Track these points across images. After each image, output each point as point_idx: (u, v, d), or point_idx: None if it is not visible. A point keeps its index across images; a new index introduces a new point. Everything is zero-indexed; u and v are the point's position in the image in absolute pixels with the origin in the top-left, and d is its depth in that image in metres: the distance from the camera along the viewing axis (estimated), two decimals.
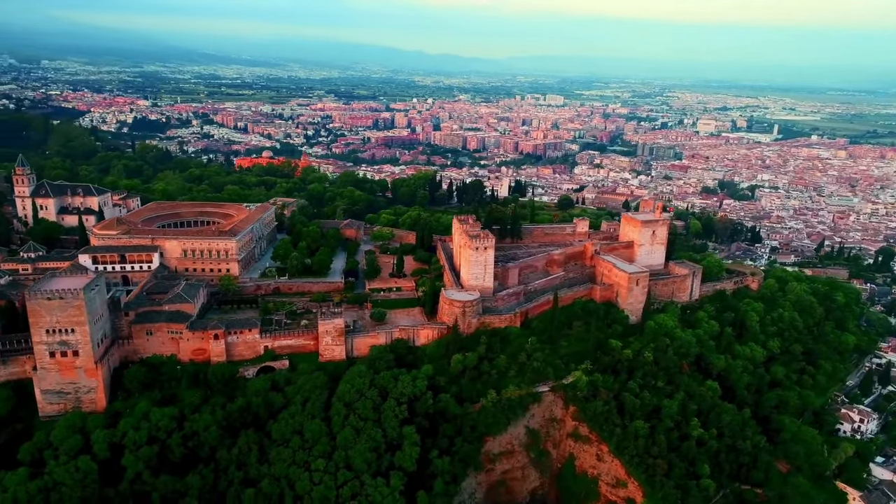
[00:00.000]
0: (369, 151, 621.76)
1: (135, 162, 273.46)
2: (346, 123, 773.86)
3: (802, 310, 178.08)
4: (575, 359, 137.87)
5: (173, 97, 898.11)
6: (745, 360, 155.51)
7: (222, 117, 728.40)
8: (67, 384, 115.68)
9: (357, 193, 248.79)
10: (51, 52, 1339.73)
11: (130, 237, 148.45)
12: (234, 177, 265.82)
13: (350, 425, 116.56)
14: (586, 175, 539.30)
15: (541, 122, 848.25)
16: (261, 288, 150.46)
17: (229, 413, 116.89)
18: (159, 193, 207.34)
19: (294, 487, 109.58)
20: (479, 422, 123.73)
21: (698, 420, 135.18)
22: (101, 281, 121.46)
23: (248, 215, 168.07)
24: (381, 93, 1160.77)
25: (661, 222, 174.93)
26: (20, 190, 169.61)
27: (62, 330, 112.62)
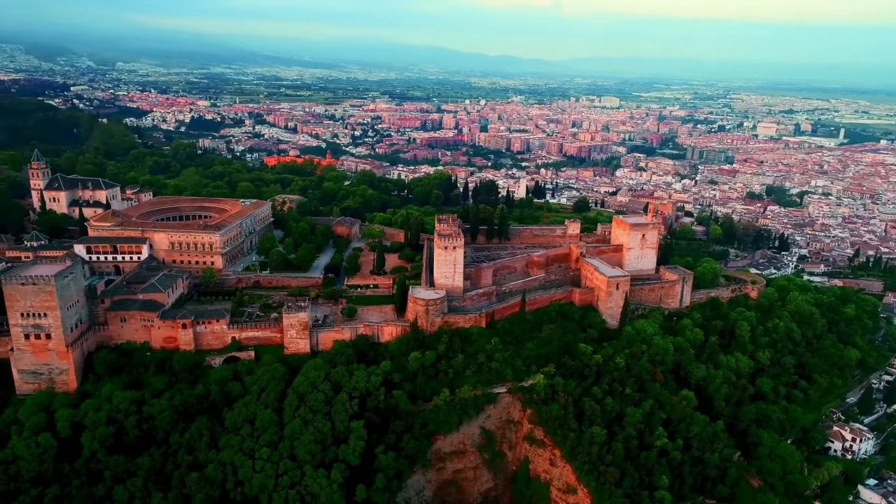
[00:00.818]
0: (411, 152, 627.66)
1: (164, 159, 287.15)
2: (394, 124, 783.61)
3: (802, 321, 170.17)
4: (539, 361, 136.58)
5: (233, 98, 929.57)
6: (728, 371, 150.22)
7: (274, 117, 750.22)
8: (41, 365, 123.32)
9: (369, 192, 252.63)
10: (126, 54, 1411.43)
11: (123, 229, 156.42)
12: (254, 174, 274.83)
13: (299, 416, 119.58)
14: (627, 178, 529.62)
15: (591, 124, 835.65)
16: (242, 281, 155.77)
17: (187, 399, 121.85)
18: (172, 188, 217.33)
19: (236, 473, 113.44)
20: (429, 420, 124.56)
21: (664, 430, 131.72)
22: (77, 269, 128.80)
23: (240, 211, 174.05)
24: (435, 94, 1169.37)
25: (651, 226, 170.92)
26: (35, 183, 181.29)
27: (36, 314, 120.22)
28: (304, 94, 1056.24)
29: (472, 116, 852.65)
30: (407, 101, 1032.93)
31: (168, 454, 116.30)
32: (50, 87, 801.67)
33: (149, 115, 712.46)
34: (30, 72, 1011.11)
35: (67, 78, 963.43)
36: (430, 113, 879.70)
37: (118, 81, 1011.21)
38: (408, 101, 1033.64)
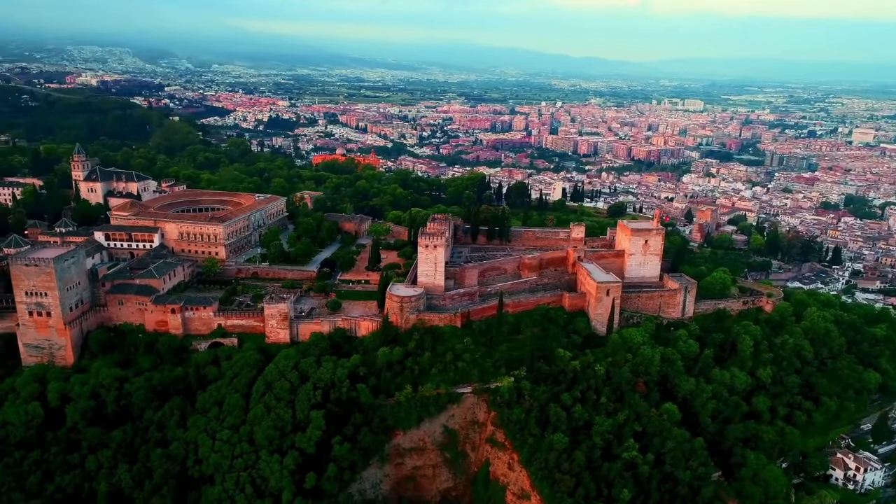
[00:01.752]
0: (474, 153, 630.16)
1: (216, 155, 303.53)
2: (464, 126, 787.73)
3: (816, 339, 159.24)
4: (511, 364, 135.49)
5: (312, 98, 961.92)
6: (720, 387, 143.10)
7: (346, 118, 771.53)
8: (43, 340, 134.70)
9: (399, 191, 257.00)
10: (221, 57, 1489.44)
11: (138, 218, 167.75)
12: (293, 171, 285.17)
13: (264, 403, 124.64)
14: (694, 184, 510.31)
15: (668, 127, 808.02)
16: (241, 272, 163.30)
17: (165, 379, 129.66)
18: (205, 182, 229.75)
19: (197, 452, 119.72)
20: (389, 415, 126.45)
21: (636, 442, 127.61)
22: (79, 254, 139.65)
23: (251, 205, 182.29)
24: (512, 96, 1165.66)
25: (654, 232, 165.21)
26: (76, 174, 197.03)
27: (38, 293, 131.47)
28: (383, 96, 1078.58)
29: (544, 119, 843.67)
30: (482, 102, 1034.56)
31: (139, 430, 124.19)
32: (147, 87, 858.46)
33: (231, 115, 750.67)
34: (134, 73, 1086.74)
35: (165, 79, 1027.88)
36: (501, 115, 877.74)
37: (211, 82, 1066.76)
38: (483, 102, 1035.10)
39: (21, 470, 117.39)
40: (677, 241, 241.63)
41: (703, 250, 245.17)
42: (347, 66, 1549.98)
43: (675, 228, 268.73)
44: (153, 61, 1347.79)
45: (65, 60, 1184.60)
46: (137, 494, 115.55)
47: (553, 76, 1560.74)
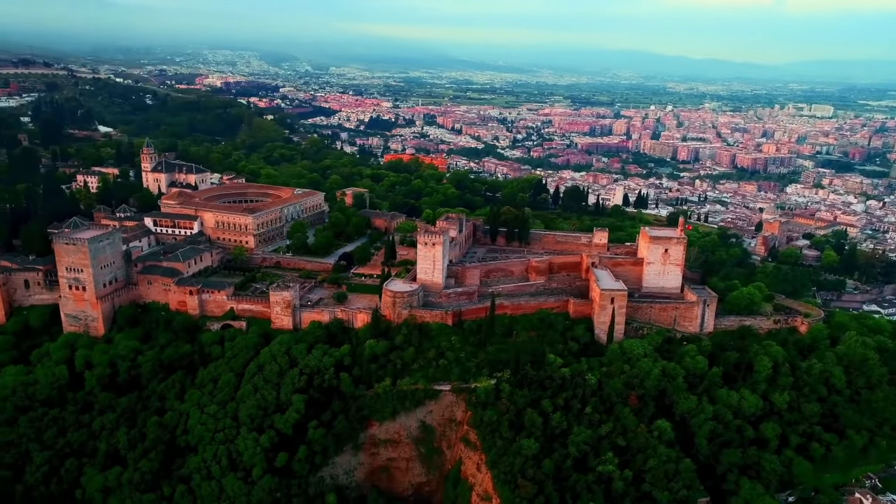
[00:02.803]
0: (565, 157, 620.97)
1: (290, 152, 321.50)
2: (563, 129, 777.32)
3: (852, 366, 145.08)
4: (497, 366, 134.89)
5: (417, 100, 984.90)
6: (725, 408, 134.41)
7: (443, 119, 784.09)
8: (79, 311, 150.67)
9: (451, 191, 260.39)
10: (339, 60, 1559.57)
11: (182, 207, 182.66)
12: (355, 169, 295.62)
13: (252, 383, 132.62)
14: (798, 195, 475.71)
15: (786, 133, 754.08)
16: (266, 260, 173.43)
17: (172, 355, 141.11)
18: (264, 177, 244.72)
19: (186, 423, 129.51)
20: (366, 406, 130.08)
21: (615, 457, 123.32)
22: (115, 236, 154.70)
23: (287, 198, 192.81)
24: (621, 99, 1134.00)
25: (675, 240, 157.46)
26: (144, 166, 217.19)
27: (75, 269, 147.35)
28: (487, 98, 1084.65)
29: (647, 123, 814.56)
30: (588, 105, 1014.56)
31: (143, 398, 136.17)
32: (264, 88, 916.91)
33: (336, 115, 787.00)
34: (258, 75, 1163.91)
35: (285, 81, 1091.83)
36: (604, 118, 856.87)
37: (326, 84, 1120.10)
38: (589, 105, 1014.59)
39: (41, 424, 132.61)
40: (736, 252, 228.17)
41: (765, 265, 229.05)
42: (457, 69, 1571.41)
43: (740, 240, 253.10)
44: (277, 64, 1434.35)
45: (200, 63, 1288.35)
46: (130, 456, 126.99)
47: (669, 79, 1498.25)
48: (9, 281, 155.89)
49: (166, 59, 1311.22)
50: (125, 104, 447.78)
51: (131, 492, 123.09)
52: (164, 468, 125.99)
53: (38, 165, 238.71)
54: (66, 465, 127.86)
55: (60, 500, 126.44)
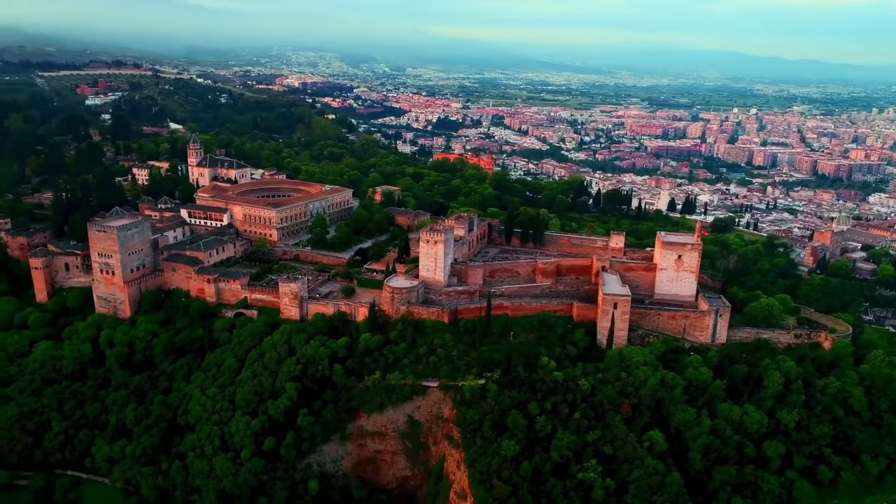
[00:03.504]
0: (631, 160, 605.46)
1: (339, 150, 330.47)
2: (634, 131, 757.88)
3: (875, 388, 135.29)
4: (489, 365, 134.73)
5: (488, 101, 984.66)
6: (724, 423, 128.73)
7: (510, 120, 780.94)
8: (109, 294, 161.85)
9: (488, 191, 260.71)
10: (416, 61, 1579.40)
11: (215, 200, 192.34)
12: (398, 168, 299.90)
13: (251, 369, 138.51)
14: (882, 205, 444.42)
15: (880, 139, 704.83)
16: (286, 253, 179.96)
17: (184, 338, 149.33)
18: (304, 173, 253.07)
19: (188, 403, 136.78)
20: (355, 397, 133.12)
21: (598, 465, 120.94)
22: (144, 225, 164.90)
23: (316, 193, 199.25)
24: (702, 102, 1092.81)
25: (689, 246, 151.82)
26: (190, 161, 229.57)
27: (105, 254, 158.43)
28: (561, 99, 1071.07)
29: (725, 126, 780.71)
30: (666, 107, 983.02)
31: (154, 378, 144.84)
32: (339, 88, 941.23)
33: (405, 115, 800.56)
34: (337, 76, 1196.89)
35: (363, 81, 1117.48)
36: (680, 120, 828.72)
37: (402, 85, 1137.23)
38: (667, 107, 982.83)
39: (63, 396, 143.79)
40: (781, 263, 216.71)
41: (812, 277, 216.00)
42: (534, 70, 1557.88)
43: (789, 249, 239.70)
44: (356, 65, 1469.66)
45: (283, 64, 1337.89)
46: (135, 430, 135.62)
47: (759, 81, 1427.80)
48: (51, 264, 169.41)
49: (252, 61, 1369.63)
50: (199, 103, 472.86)
51: (133, 464, 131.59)
52: (164, 444, 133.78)
53: (102, 159, 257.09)
54: (80, 436, 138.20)
55: (72, 466, 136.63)
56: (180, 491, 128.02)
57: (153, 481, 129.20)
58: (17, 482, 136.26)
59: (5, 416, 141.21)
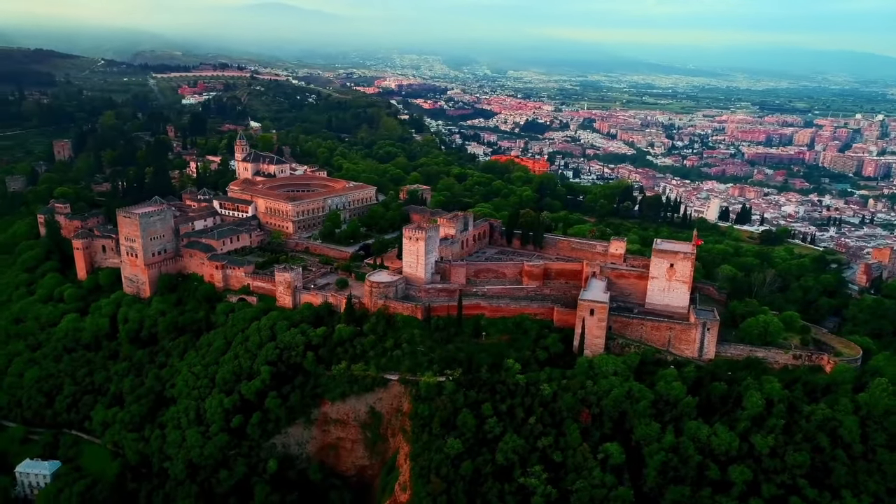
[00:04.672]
0: (721, 167, 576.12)
1: (394, 149, 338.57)
2: (735, 137, 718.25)
3: (872, 419, 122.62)
4: (451, 363, 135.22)
5: (584, 104, 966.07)
6: (688, 441, 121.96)
7: (600, 124, 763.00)
8: (133, 275, 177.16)
9: (526, 193, 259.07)
10: (518, 63, 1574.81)
11: (242, 193, 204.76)
12: (444, 168, 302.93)
13: (234, 351, 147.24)
14: None
15: None
16: (298, 245, 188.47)
17: (186, 319, 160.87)
18: (346, 170, 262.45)
19: (175, 377, 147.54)
20: (320, 384, 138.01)
21: (544, 471, 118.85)
22: (166, 213, 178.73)
23: (339, 189, 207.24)
24: (822, 106, 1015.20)
25: (681, 255, 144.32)
26: (237, 156, 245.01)
27: (130, 238, 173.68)
28: (663, 103, 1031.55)
29: (839, 133, 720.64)
30: (778, 112, 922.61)
31: (154, 353, 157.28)
32: (432, 90, 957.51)
33: (494, 118, 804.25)
34: (437, 78, 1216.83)
35: (462, 83, 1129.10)
36: (790, 126, 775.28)
37: (500, 87, 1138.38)
38: (779, 112, 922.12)
39: (77, 364, 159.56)
40: (828, 280, 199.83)
41: (864, 297, 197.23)
42: (641, 73, 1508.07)
43: (843, 266, 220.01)
44: (457, 67, 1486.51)
45: (387, 67, 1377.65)
46: (128, 399, 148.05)
47: (894, 84, 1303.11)
48: (91, 245, 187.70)
49: (358, 63, 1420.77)
50: (285, 102, 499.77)
51: (121, 429, 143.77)
52: (151, 414, 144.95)
53: (168, 153, 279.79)
54: (84, 400, 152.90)
55: (76, 426, 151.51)
56: (156, 457, 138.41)
57: (136, 446, 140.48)
58: (30, 436, 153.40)
59: (29, 377, 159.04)
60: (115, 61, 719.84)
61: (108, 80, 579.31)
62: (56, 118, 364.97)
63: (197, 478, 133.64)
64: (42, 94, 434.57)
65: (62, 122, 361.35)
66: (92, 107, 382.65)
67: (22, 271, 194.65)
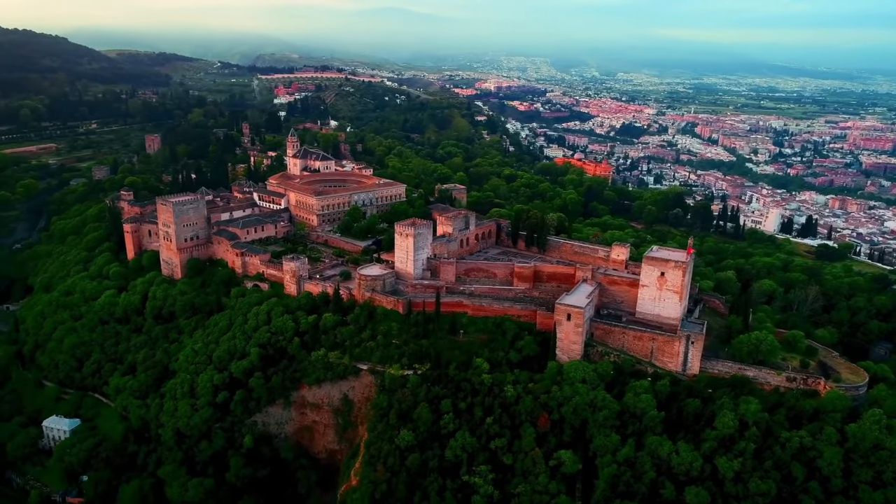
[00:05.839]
0: (829, 177, 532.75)
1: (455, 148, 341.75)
2: (854, 145, 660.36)
3: (857, 452, 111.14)
4: (422, 358, 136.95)
5: (692, 107, 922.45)
6: (646, 456, 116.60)
7: (701, 129, 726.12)
8: (169, 258, 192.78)
9: (570, 196, 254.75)
10: (629, 65, 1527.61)
11: (279, 187, 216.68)
12: (496, 169, 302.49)
13: (233, 332, 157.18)
14: None
15: None
16: (319, 237, 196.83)
17: (200, 301, 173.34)
18: (390, 169, 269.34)
19: (180, 352, 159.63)
20: (300, 369, 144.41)
21: (490, 472, 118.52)
22: (200, 203, 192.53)
23: (369, 186, 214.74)
24: None
25: (672, 263, 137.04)
26: (289, 152, 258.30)
27: (166, 224, 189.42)
28: (783, 108, 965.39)
29: None
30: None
31: (169, 329, 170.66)
32: (531, 92, 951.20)
33: (591, 120, 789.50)
34: (543, 80, 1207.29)
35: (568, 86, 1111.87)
36: None
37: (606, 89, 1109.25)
38: None
39: (107, 335, 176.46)
40: (883, 302, 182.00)
41: None
42: (764, 75, 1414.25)
43: None
44: (565, 70, 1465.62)
45: (493, 69, 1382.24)
46: (139, 370, 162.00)
47: None
48: (139, 230, 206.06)
49: (465, 65, 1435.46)
50: (371, 103, 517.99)
51: (129, 395, 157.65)
52: (155, 384, 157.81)
53: (236, 148, 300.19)
54: (106, 367, 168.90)
55: (98, 391, 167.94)
56: (154, 423, 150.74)
57: (139, 412, 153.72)
58: (62, 396, 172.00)
59: (67, 343, 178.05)
60: (230, 64, 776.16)
61: (218, 81, 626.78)
62: (156, 115, 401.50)
63: (183, 445, 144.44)
64: (153, 93, 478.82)
65: (160, 118, 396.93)
66: (188, 105, 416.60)
67: (84, 250, 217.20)
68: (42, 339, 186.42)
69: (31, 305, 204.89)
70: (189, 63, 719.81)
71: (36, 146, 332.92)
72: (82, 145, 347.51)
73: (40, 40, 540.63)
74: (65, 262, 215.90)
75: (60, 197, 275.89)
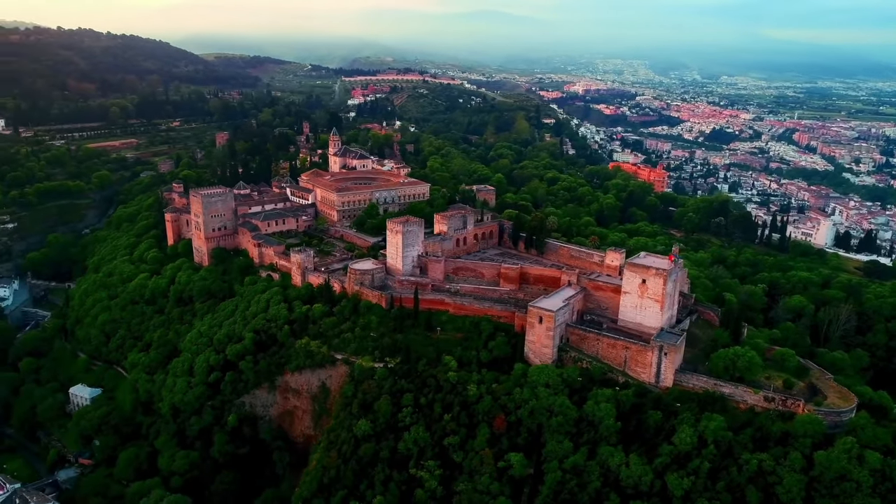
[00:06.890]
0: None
1: (507, 151, 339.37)
2: None
3: (823, 480, 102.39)
4: (393, 352, 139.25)
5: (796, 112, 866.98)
6: (595, 465, 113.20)
7: (799, 135, 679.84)
8: (199, 247, 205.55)
9: (608, 201, 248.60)
10: (734, 68, 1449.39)
11: (308, 183, 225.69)
12: (539, 171, 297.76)
13: (234, 317, 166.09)
14: None
15: None
16: (336, 232, 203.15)
17: (214, 286, 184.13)
18: (428, 169, 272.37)
19: (188, 334, 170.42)
20: (285, 355, 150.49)
21: (438, 468, 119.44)
22: (227, 195, 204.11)
23: (392, 184, 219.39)
24: None
25: (653, 271, 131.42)
26: (331, 150, 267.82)
27: (197, 214, 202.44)
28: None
29: None
30: None
31: (185, 312, 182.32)
32: (620, 96, 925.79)
33: (679, 125, 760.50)
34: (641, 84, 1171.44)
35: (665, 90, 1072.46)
36: None
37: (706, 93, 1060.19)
38: None
39: (134, 313, 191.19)
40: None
41: None
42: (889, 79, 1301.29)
43: None
44: (664, 73, 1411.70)
45: (588, 72, 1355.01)
46: (153, 347, 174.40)
47: None
48: (178, 219, 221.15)
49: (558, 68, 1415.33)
50: (441, 105, 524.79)
51: (141, 370, 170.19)
52: (164, 362, 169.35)
53: (290, 146, 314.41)
54: (128, 344, 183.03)
55: (119, 364, 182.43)
56: (156, 397, 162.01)
57: (146, 386, 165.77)
58: (91, 367, 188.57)
59: (100, 320, 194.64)
60: (320, 66, 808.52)
61: (304, 82, 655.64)
62: (232, 114, 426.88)
63: (177, 419, 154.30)
64: (238, 94, 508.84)
65: (236, 117, 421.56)
66: (263, 105, 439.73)
67: (133, 236, 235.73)
68: (82, 314, 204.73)
69: (81, 284, 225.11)
70: (280, 66, 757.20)
71: (119, 141, 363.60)
72: (160, 141, 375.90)
73: (144, 45, 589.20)
74: (115, 246, 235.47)
75: (129, 188, 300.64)
